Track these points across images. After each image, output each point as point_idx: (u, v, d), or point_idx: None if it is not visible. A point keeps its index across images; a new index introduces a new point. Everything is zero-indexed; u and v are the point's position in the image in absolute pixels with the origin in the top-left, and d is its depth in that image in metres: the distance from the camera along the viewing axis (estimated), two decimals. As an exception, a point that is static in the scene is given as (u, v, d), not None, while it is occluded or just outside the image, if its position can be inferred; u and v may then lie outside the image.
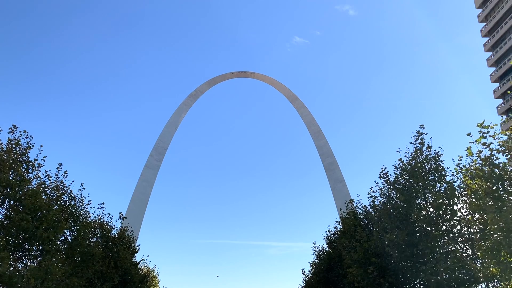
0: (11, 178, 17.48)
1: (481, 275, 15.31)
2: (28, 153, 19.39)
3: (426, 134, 20.40)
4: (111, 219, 32.86)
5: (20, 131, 19.55)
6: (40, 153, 20.15)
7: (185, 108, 76.86)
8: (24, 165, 19.00)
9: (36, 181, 20.07)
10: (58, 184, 22.40)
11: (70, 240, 23.73)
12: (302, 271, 42.96)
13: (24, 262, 19.32)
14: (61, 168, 22.66)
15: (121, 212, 33.59)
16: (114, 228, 33.26)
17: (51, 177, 21.91)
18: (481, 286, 18.10)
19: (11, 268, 15.89)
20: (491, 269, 14.06)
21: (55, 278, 18.03)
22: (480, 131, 13.76)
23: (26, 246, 19.25)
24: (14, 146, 18.82)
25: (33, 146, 19.62)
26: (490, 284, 17.50)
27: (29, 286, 16.34)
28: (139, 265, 40.94)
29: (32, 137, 19.75)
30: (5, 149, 18.32)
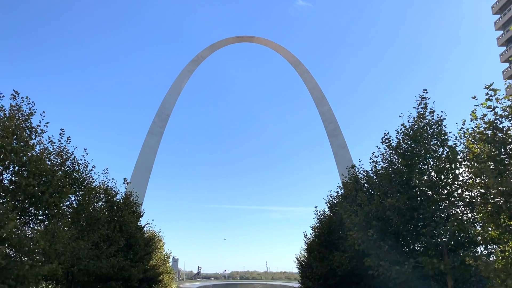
0: (14, 144, 17.56)
1: (480, 238, 15.52)
2: (31, 119, 19.39)
3: (429, 98, 20.22)
4: (116, 184, 33.32)
5: (22, 97, 19.48)
6: (42, 119, 20.15)
7: (187, 74, 76.22)
8: (27, 131, 19.03)
9: (39, 147, 20.22)
10: (61, 150, 22.55)
11: (75, 205, 24.13)
12: (304, 234, 43.85)
13: (31, 226, 19.70)
14: (64, 134, 22.74)
15: (125, 178, 34.02)
16: (118, 193, 33.77)
17: (54, 143, 22.04)
18: (480, 248, 18.44)
19: (18, 231, 16.18)
20: (490, 232, 14.24)
21: (62, 241, 18.42)
22: (487, 93, 13.59)
23: (32, 211, 19.60)
24: (16, 112, 18.80)
25: (35, 112, 19.59)
26: (488, 247, 17.80)
27: (37, 248, 16.71)
28: (144, 229, 41.85)
29: (34, 103, 19.70)
30: (7, 115, 18.31)
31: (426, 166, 19.73)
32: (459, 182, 18.66)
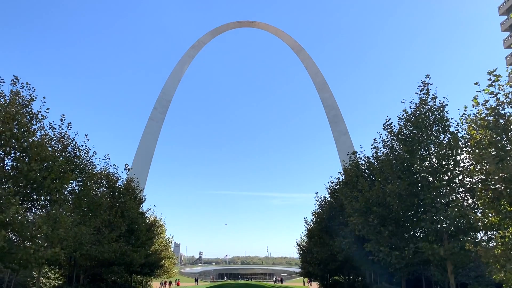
0: (15, 129, 17.54)
1: (481, 224, 15.56)
2: (31, 105, 19.33)
3: (432, 84, 20.09)
4: (117, 170, 33.42)
5: (23, 83, 19.40)
6: (43, 105, 20.08)
7: (188, 60, 75.76)
8: (28, 117, 18.98)
9: (40, 132, 20.18)
10: (62, 135, 22.52)
11: (77, 190, 24.21)
12: (305, 220, 44.22)
13: (33, 212, 19.81)
14: (64, 120, 22.67)
15: (126, 164, 34.11)
16: (120, 179, 33.89)
17: (55, 128, 21.98)
18: (480, 234, 18.50)
19: (20, 217, 16.26)
20: (490, 218, 14.26)
21: (64, 227, 18.53)
22: (490, 79, 13.47)
23: (34, 197, 19.68)
24: (16, 98, 18.72)
25: (35, 98, 19.53)
26: (489, 233, 17.84)
27: (40, 233, 16.82)
28: (146, 215, 42.10)
29: (34, 89, 19.63)
30: (8, 100, 18.25)
31: (427, 152, 19.70)
32: (460, 168, 18.64)
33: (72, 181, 22.86)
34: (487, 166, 13.63)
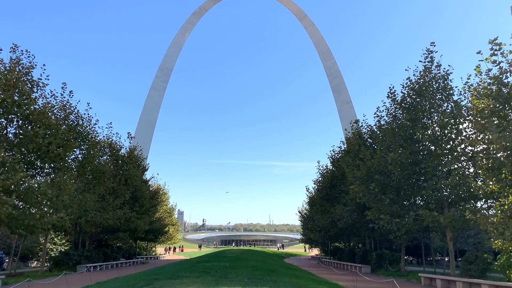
0: (16, 97, 17.48)
1: (481, 192, 15.67)
2: (32, 72, 19.17)
3: (436, 52, 19.76)
4: (120, 139, 33.53)
5: (22, 50, 19.17)
6: (43, 72, 19.92)
7: (189, 27, 74.52)
8: (29, 84, 18.87)
9: (42, 100, 20.13)
10: (64, 103, 22.46)
11: (80, 158, 24.39)
12: (306, 188, 44.62)
13: (38, 178, 20.06)
14: (66, 88, 22.54)
15: (129, 132, 34.13)
16: (123, 147, 34.04)
17: (57, 97, 21.89)
18: (480, 202, 18.68)
19: (26, 183, 16.48)
20: (491, 186, 14.34)
21: (68, 193, 18.78)
22: (492, 48, 13.22)
23: (39, 164, 19.85)
24: (16, 65, 18.54)
25: (36, 65, 19.34)
26: (488, 201, 18.00)
27: (45, 198, 17.08)
28: (149, 183, 42.53)
29: (34, 56, 19.40)
30: (8, 68, 18.09)
31: (430, 121, 19.64)
32: (462, 137, 18.61)
33: (75, 149, 22.98)
34: (489, 135, 13.61)
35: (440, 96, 19.49)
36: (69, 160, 22.20)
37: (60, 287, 16.05)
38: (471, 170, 18.72)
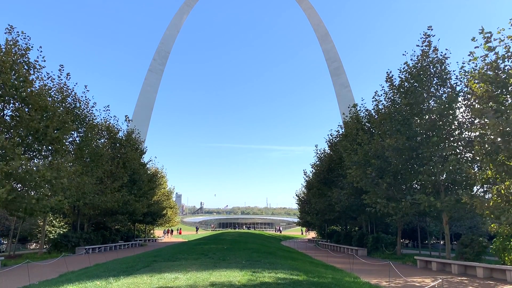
0: (13, 79, 17.32)
1: (478, 177, 15.74)
2: (28, 54, 18.95)
3: (434, 36, 19.59)
4: (118, 122, 33.46)
5: (18, 32, 18.92)
6: (40, 54, 19.70)
7: (187, 9, 73.63)
8: (25, 66, 18.66)
9: (39, 83, 19.95)
10: (61, 86, 22.30)
11: (78, 141, 24.35)
12: (304, 172, 44.77)
13: (35, 161, 20.04)
14: (63, 70, 22.35)
15: (127, 115, 34.03)
16: (120, 131, 33.99)
17: (54, 79, 21.71)
18: (476, 187, 18.77)
19: (24, 167, 16.44)
20: (487, 171, 14.40)
21: (66, 176, 18.77)
22: (484, 37, 13.16)
23: (36, 146, 19.80)
24: (13, 47, 18.30)
25: (32, 47, 19.11)
26: (485, 186, 18.09)
27: (43, 181, 17.08)
28: (147, 166, 42.61)
29: (30, 38, 19.16)
30: (3, 50, 17.86)
31: (426, 107, 19.59)
32: (459, 122, 18.62)
33: (73, 132, 22.92)
34: (486, 121, 13.60)
35: (437, 81, 19.42)
36: (66, 143, 22.15)
37: (59, 269, 16.19)
38: (468, 155, 18.76)
